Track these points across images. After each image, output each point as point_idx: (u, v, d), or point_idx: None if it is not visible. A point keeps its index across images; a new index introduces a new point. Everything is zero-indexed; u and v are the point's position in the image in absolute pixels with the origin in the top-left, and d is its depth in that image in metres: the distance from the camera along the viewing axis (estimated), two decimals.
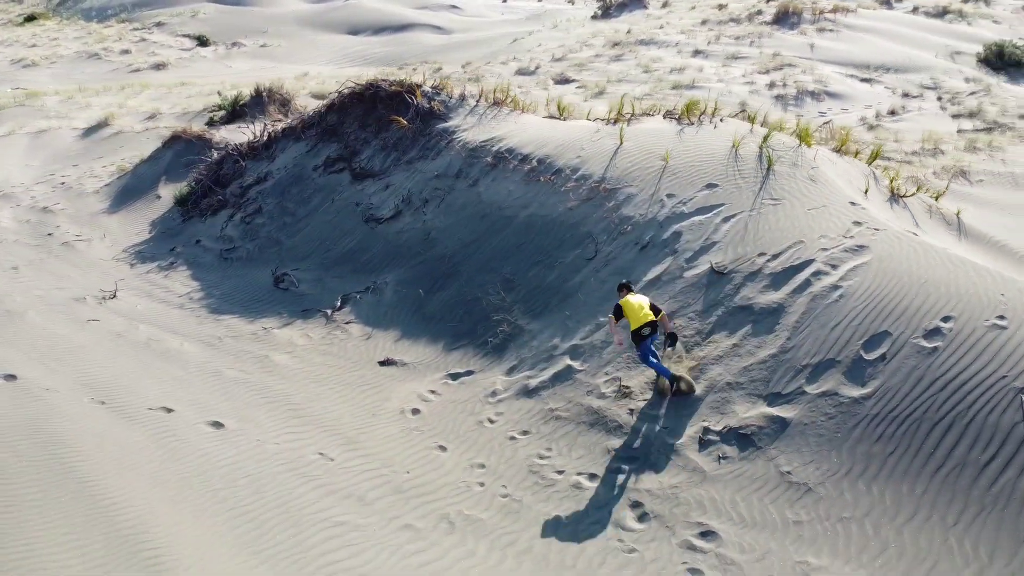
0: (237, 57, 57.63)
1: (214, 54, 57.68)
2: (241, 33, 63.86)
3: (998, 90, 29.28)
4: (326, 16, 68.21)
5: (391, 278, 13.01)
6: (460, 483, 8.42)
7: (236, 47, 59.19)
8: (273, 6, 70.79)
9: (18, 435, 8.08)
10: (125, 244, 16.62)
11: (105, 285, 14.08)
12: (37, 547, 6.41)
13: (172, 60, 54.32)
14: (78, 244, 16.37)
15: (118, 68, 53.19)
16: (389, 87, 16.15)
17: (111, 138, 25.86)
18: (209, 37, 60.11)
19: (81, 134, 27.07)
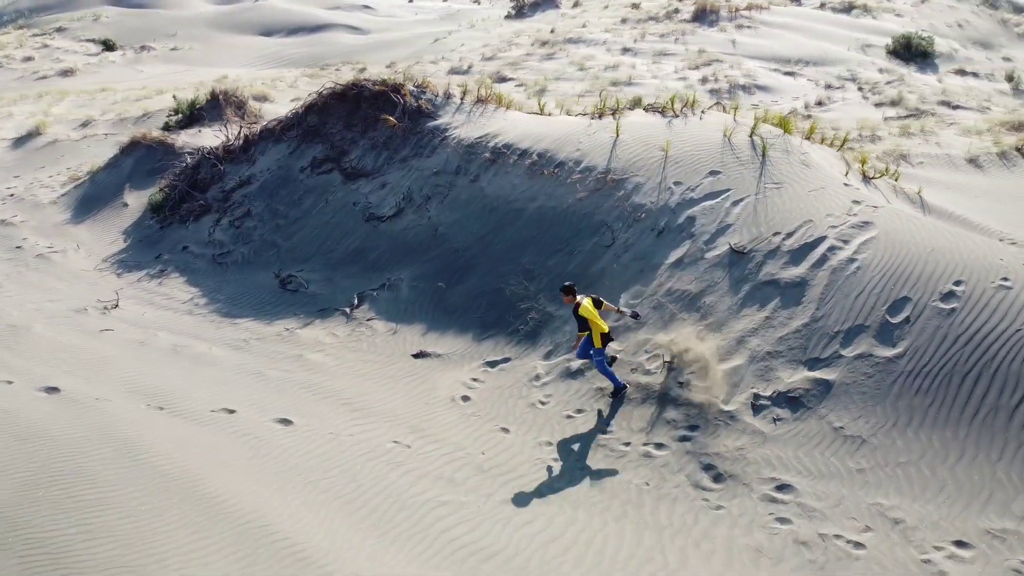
0: (147, 61, 55.67)
1: (123, 59, 55.58)
2: (148, 37, 61.67)
3: (910, 79, 31.51)
4: (236, 18, 66.68)
5: (405, 274, 13.21)
6: (535, 460, 8.81)
7: (145, 51, 57.17)
8: (178, 8, 68.66)
9: (93, 444, 7.98)
10: (102, 254, 16.13)
11: (98, 296, 13.71)
12: (168, 551, 6.45)
13: (79, 66, 52.11)
14: (53, 256, 15.79)
15: (23, 76, 50.69)
16: (373, 86, 16.25)
17: (48, 147, 24.80)
18: (115, 41, 57.74)
19: (11, 144, 25.86)
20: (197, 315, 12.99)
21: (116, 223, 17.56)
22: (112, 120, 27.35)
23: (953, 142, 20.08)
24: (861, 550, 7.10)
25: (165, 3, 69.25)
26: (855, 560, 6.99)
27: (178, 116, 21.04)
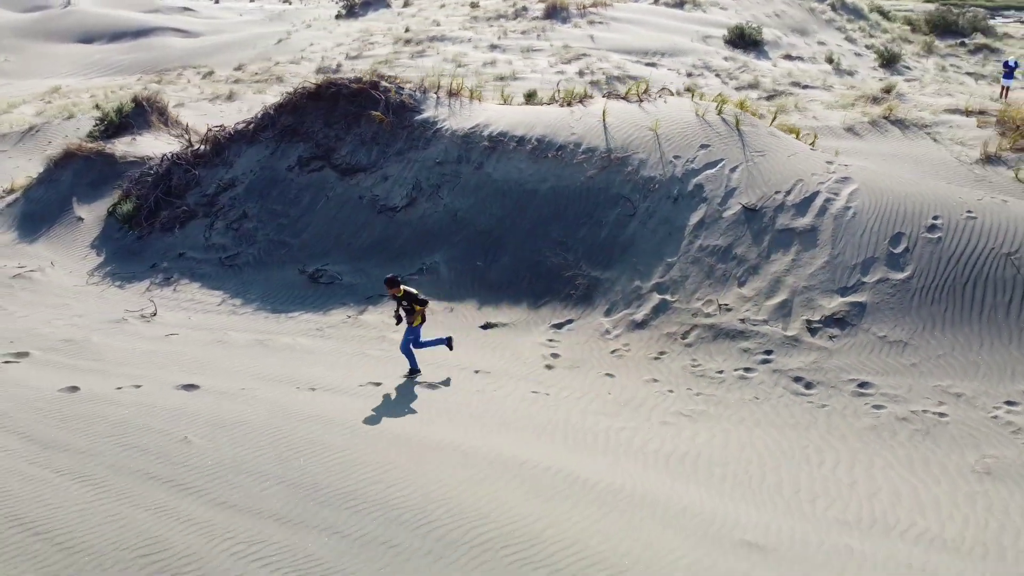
0: None
1: None
2: None
3: (753, 65, 35.64)
4: (46, 26, 61.91)
5: (439, 258, 14.10)
6: (654, 393, 10.26)
7: None
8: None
9: (295, 421, 8.45)
10: (80, 270, 15.56)
11: (112, 308, 13.48)
12: (434, 483, 7.24)
13: None
14: (32, 275, 15.05)
15: None
16: (352, 84, 16.78)
17: None
18: None
19: None
20: (244, 314, 13.18)
21: (77, 238, 16.84)
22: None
23: (828, 115, 23.50)
24: (946, 418, 9.24)
25: None
26: (946, 425, 9.10)
27: (103, 124, 20.12)
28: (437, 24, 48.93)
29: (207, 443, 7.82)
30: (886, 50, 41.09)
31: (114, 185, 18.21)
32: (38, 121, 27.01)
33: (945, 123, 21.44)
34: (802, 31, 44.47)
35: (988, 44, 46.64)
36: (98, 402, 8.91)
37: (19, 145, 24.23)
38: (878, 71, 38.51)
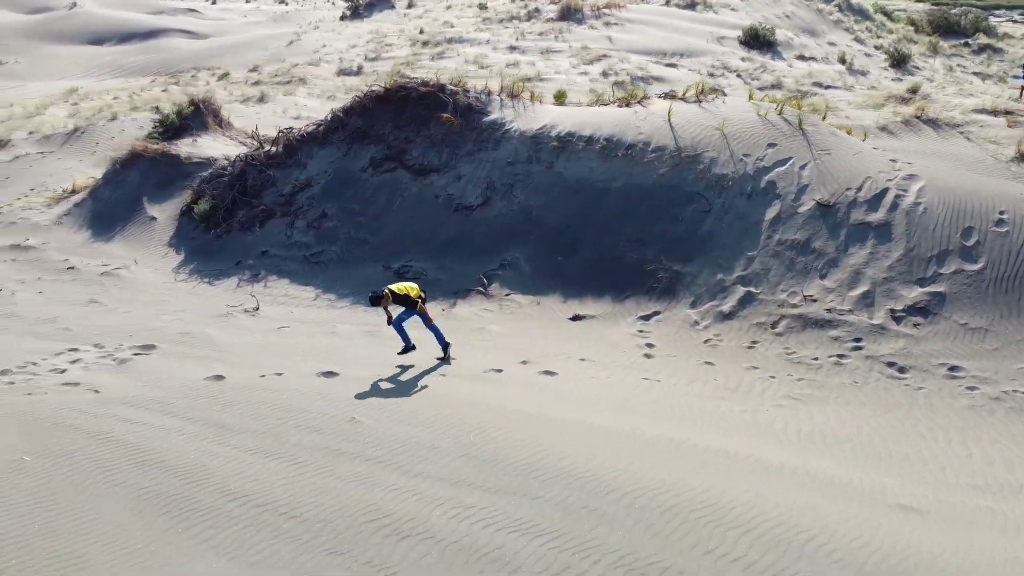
0: None
1: None
2: None
3: (771, 65, 36.36)
4: (52, 27, 62.10)
5: (518, 254, 14.68)
6: (755, 380, 10.89)
7: None
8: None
9: (447, 406, 9.00)
10: (165, 267, 16.06)
11: (212, 303, 14.00)
12: (604, 452, 7.82)
13: None
14: (119, 273, 15.54)
15: None
16: (421, 88, 17.34)
17: None
18: None
19: None
20: (342, 308, 13.73)
21: (153, 237, 17.32)
22: (35, 139, 25.68)
23: (860, 115, 24.21)
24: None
25: None
26: None
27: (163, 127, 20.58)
28: (451, 26, 49.46)
29: (374, 423, 8.38)
30: (896, 51, 41.90)
31: (181, 185, 18.70)
32: (73, 123, 27.39)
33: (975, 122, 22.15)
34: (812, 32, 45.29)
35: (991, 44, 47.57)
36: (250, 389, 9.46)
37: (66, 146, 24.63)
38: (889, 71, 39.37)
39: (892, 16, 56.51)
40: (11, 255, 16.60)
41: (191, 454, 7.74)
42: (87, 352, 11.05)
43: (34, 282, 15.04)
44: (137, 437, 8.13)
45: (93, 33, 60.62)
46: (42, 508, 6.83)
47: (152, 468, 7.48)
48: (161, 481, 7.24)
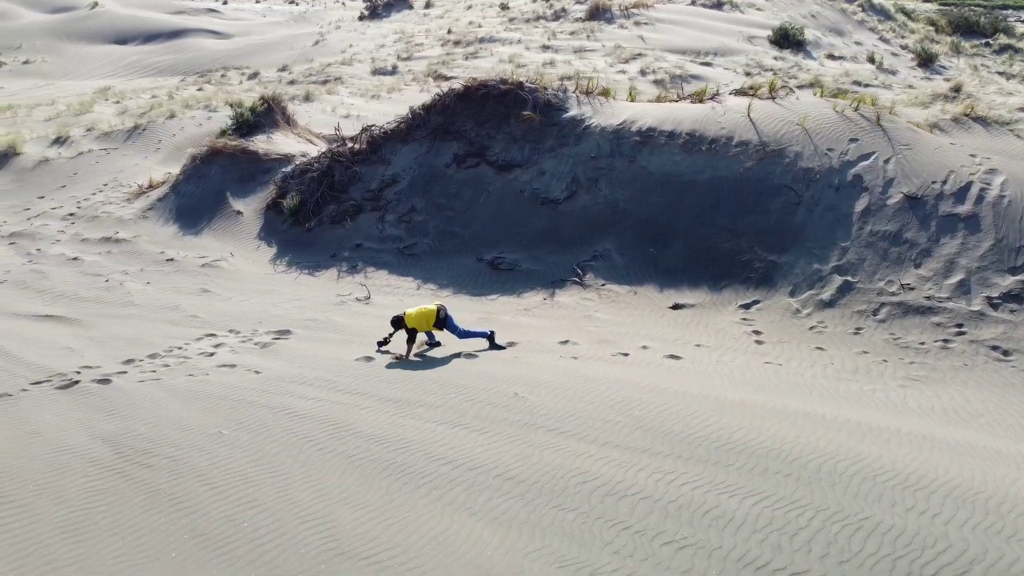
0: (2, 77, 51.18)
1: None
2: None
3: (804, 64, 36.84)
4: (75, 27, 62.66)
5: (609, 245, 15.17)
6: (870, 363, 11.38)
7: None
8: (7, 20, 63.12)
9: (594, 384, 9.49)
10: (260, 259, 16.53)
11: (321, 292, 14.48)
12: (871, 460, 8.31)
13: None
14: (220, 264, 16.01)
15: None
16: (500, 86, 17.82)
17: (42, 167, 23.63)
18: None
19: None
20: (446, 297, 14.20)
21: (242, 230, 17.79)
22: (94, 136, 26.14)
23: (908, 113, 24.68)
24: None
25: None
26: None
27: (236, 124, 21.04)
28: (478, 26, 49.96)
29: (537, 399, 8.86)
30: (923, 50, 42.39)
31: (262, 181, 19.19)
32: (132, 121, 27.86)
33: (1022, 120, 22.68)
34: (838, 31, 45.83)
35: (1012, 44, 48.09)
36: (408, 368, 9.95)
37: (128, 143, 25.08)
38: (916, 71, 39.89)
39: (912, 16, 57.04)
40: (105, 248, 17.07)
41: (383, 425, 8.21)
42: (226, 337, 11.53)
43: (138, 273, 15.51)
44: (323, 411, 8.61)
45: (117, 33, 61.18)
46: (268, 474, 7.31)
47: (352, 438, 7.96)
48: (366, 449, 7.72)
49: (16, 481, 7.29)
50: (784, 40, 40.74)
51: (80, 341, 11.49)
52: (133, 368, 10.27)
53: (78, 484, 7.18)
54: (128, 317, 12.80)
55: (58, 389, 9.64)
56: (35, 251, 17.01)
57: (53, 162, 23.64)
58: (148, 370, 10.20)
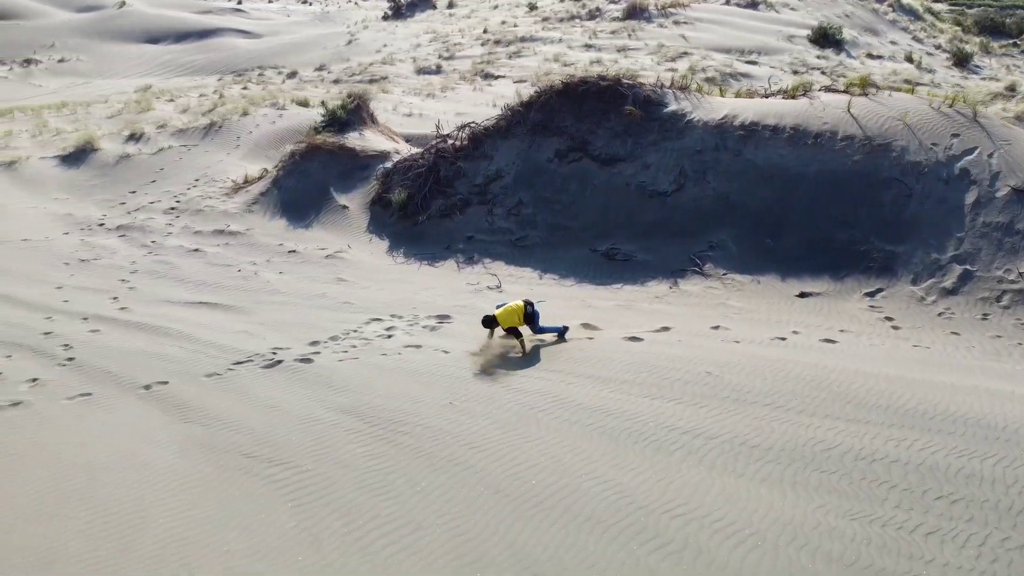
0: (40, 75, 51.78)
1: (11, 73, 50.97)
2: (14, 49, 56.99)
3: (848, 63, 37.37)
4: (107, 26, 63.12)
5: (724, 236, 15.68)
6: (1011, 345, 11.89)
7: (32, 64, 52.72)
8: (38, 18, 63.85)
9: (771, 364, 10.00)
10: (376, 250, 17.03)
11: (450, 282, 14.98)
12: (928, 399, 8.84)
13: None
14: (343, 256, 16.51)
15: None
16: (601, 82, 18.33)
17: (124, 163, 24.15)
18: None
19: (62, 162, 24.70)
20: (571, 286, 14.72)
21: (351, 224, 18.29)
22: (168, 133, 26.61)
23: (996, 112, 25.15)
24: None
25: (21, 13, 63.60)
26: None
27: (327, 120, 21.54)
28: (514, 25, 50.47)
29: (732, 377, 9.34)
30: (959, 50, 42.93)
31: (361, 177, 19.68)
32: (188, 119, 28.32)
33: None
34: (873, 31, 46.42)
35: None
36: (606, 348, 10.46)
37: (206, 140, 25.55)
38: (952, 70, 40.44)
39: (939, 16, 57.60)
40: (221, 240, 17.55)
41: (598, 398, 8.71)
42: (392, 321, 12.03)
43: (266, 264, 16.01)
44: (533, 386, 9.11)
45: (148, 32, 61.66)
46: (520, 439, 7.80)
47: (576, 408, 8.46)
48: (597, 418, 8.21)
49: (288, 450, 7.79)
50: (823, 39, 41.30)
51: (252, 326, 11.98)
52: (324, 349, 10.77)
53: (351, 450, 7.68)
54: (282, 304, 13.29)
55: (263, 368, 10.14)
56: (150, 243, 17.49)
57: (135, 158, 24.11)
58: (339, 350, 10.70)
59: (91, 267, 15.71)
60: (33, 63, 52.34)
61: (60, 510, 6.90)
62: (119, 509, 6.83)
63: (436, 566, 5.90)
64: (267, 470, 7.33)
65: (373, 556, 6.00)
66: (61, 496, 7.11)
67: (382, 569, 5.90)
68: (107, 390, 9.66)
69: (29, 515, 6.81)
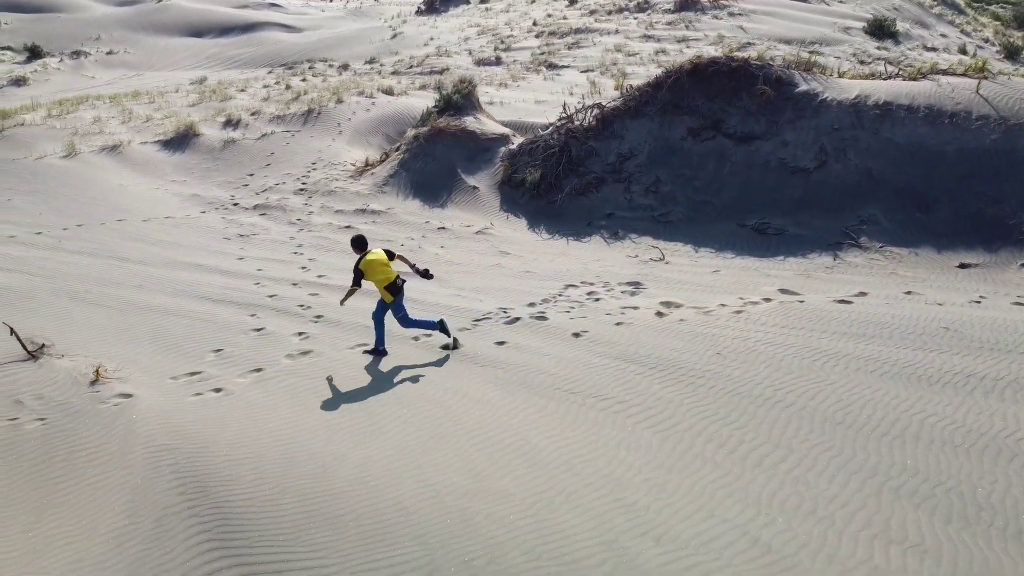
0: (91, 67, 52.13)
1: (63, 64, 51.36)
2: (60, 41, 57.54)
3: (909, 54, 37.66)
4: (150, 19, 63.59)
5: (874, 211, 16.02)
6: None
7: (81, 56, 53.12)
8: (79, 11, 64.26)
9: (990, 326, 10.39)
10: (519, 228, 17.38)
11: (609, 256, 15.34)
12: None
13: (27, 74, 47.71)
14: (490, 232, 16.86)
15: None
16: (731, 63, 18.69)
17: (232, 148, 24.50)
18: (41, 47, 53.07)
19: (164, 147, 25.08)
20: (729, 258, 15.05)
21: (484, 203, 18.65)
22: (265, 120, 26.98)
23: None
24: None
25: (62, 6, 64.09)
26: None
27: (442, 105, 21.90)
28: (563, 18, 50.81)
29: (965, 331, 9.72)
30: (1009, 43, 43.25)
31: (485, 159, 20.04)
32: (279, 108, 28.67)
33: None
34: (923, 24, 46.71)
35: None
36: (820, 310, 10.83)
37: (307, 126, 25.90)
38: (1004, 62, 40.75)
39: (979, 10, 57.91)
40: (367, 218, 17.91)
41: (876, 352, 9.07)
42: (586, 287, 12.39)
43: (421, 239, 16.36)
44: (793, 340, 9.47)
45: (191, 26, 62.10)
46: (811, 383, 8.18)
47: (853, 360, 8.81)
48: (878, 366, 8.57)
49: (601, 388, 8.15)
50: (879, 31, 41.62)
51: (456, 291, 12.35)
52: (547, 309, 11.13)
53: (656, 390, 8.04)
54: (466, 273, 13.66)
55: (506, 324, 10.50)
56: (296, 220, 17.86)
57: (240, 143, 24.47)
58: (561, 311, 11.06)
59: (254, 241, 16.07)
60: (83, 55, 52.72)
61: (490, 455, 7.19)
62: (501, 439, 7.10)
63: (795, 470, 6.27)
64: (599, 403, 7.69)
65: (768, 471, 6.36)
66: (462, 431, 7.38)
67: (768, 475, 6.26)
68: None
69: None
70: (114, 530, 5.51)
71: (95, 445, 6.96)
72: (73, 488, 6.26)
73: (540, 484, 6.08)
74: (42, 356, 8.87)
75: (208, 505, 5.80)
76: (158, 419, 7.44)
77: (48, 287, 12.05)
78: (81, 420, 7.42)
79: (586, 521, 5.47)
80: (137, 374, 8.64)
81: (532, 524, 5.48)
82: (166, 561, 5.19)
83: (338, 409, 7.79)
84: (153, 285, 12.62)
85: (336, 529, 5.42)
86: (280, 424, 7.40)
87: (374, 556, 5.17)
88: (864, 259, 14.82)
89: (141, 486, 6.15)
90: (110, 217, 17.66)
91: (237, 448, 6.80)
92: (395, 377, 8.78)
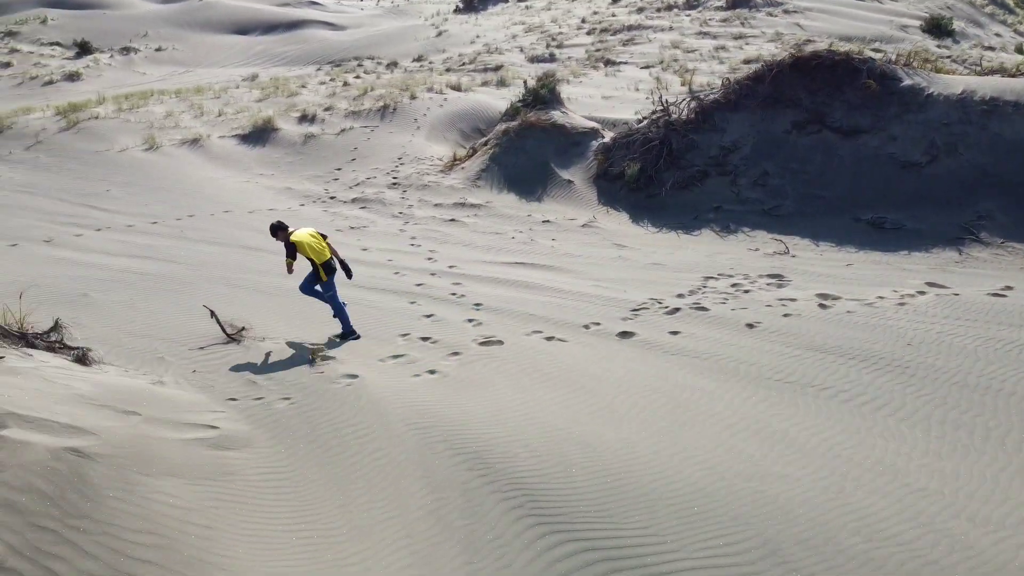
0: (141, 63, 52.51)
1: (113, 60, 51.79)
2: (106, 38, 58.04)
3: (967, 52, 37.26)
4: (195, 16, 64.03)
5: (990, 206, 15.80)
6: None
7: (131, 53, 53.53)
8: (124, 8, 64.79)
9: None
10: (621, 222, 17.30)
11: (730, 249, 15.22)
12: None
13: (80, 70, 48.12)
14: (595, 226, 16.79)
15: (21, 82, 46.31)
16: (834, 56, 18.53)
17: (313, 143, 24.62)
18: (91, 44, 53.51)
19: (243, 141, 25.18)
20: (852, 252, 14.85)
21: (581, 197, 18.58)
22: (341, 115, 27.05)
23: None
24: None
25: (107, 3, 64.67)
26: None
27: (529, 99, 21.86)
28: (612, 15, 50.68)
29: None
30: None
31: (576, 152, 19.98)
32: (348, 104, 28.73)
33: None
34: (977, 23, 46.22)
35: None
36: (979, 304, 10.68)
37: (386, 122, 25.93)
38: None
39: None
40: (467, 212, 17.89)
41: None
42: (728, 280, 12.28)
43: (529, 232, 16.31)
44: (977, 331, 9.33)
45: (236, 23, 62.50)
46: None
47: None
48: None
49: (811, 377, 8.07)
50: (936, 29, 41.22)
51: (594, 282, 12.29)
52: (702, 299, 11.05)
53: (858, 376, 7.94)
54: (593, 264, 13.60)
55: (667, 315, 10.43)
56: (399, 214, 17.87)
57: (320, 138, 24.55)
58: (716, 302, 10.97)
59: (368, 233, 16.09)
60: (132, 51, 53.13)
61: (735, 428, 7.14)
62: (746, 426, 7.02)
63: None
64: (821, 392, 7.61)
65: None
66: (703, 417, 7.32)
67: None
68: (556, 329, 9.92)
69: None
70: (425, 506, 5.49)
71: (352, 422, 6.96)
72: (359, 463, 6.25)
73: (816, 469, 6.01)
74: (243, 339, 8.89)
75: (505, 481, 5.76)
76: (396, 398, 7.43)
77: (198, 275, 12.10)
78: (323, 399, 7.41)
79: (890, 504, 5.40)
80: (348, 356, 8.65)
81: (833, 506, 5.41)
82: (494, 537, 5.14)
83: (562, 392, 7.75)
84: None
85: (648, 509, 5.36)
86: (516, 403, 7.36)
87: (702, 536, 5.11)
88: (988, 254, 14.62)
89: (423, 462, 6.14)
90: (216, 208, 17.75)
91: (492, 426, 6.78)
92: (590, 362, 8.73)
